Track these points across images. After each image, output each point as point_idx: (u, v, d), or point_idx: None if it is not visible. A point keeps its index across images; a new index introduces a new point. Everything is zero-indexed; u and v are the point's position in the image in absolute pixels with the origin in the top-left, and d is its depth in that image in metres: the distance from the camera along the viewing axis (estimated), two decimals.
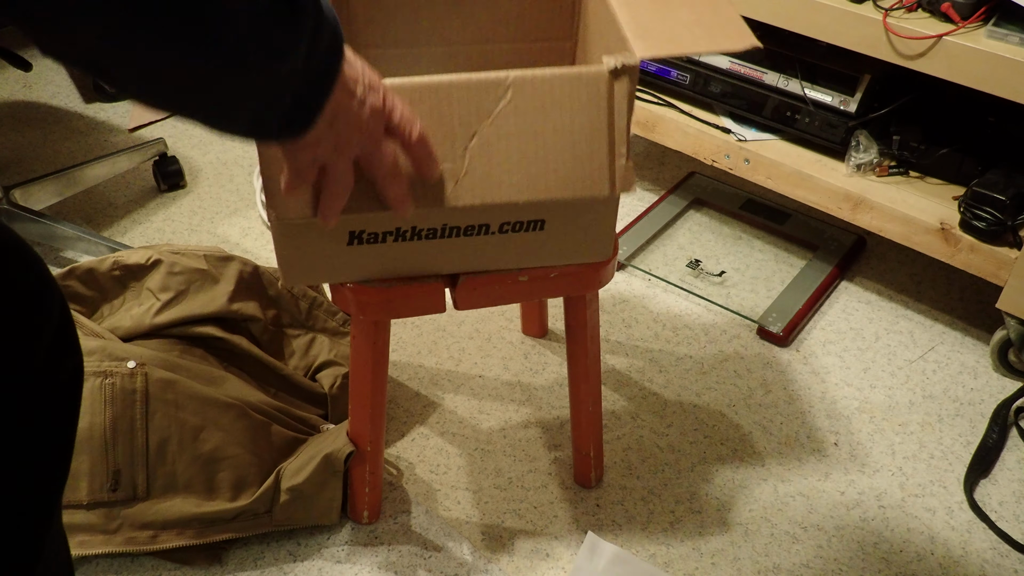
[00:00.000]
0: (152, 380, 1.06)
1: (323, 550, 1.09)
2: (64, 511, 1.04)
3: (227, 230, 1.62)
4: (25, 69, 1.58)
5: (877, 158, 1.37)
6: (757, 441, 1.25)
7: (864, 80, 1.35)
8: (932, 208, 1.31)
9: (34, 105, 1.98)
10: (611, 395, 1.31)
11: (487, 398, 1.30)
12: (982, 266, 1.26)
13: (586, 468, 1.16)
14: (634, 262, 1.56)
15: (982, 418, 1.29)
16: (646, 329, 1.43)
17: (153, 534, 1.05)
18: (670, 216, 1.65)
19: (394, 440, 1.23)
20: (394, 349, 1.37)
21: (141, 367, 1.06)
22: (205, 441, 1.06)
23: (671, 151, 1.83)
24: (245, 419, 1.08)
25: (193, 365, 1.11)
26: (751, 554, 1.11)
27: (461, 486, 1.17)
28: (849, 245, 1.59)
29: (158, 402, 1.05)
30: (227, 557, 1.08)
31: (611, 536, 1.12)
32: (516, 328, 1.42)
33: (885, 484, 1.20)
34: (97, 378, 1.04)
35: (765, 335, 1.41)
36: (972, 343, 1.42)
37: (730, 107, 1.50)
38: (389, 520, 1.13)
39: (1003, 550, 1.12)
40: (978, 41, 1.15)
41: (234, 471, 1.07)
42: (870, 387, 1.34)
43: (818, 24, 1.26)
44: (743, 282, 1.53)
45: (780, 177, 1.42)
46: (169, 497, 1.06)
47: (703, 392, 1.32)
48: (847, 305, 1.49)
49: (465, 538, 1.11)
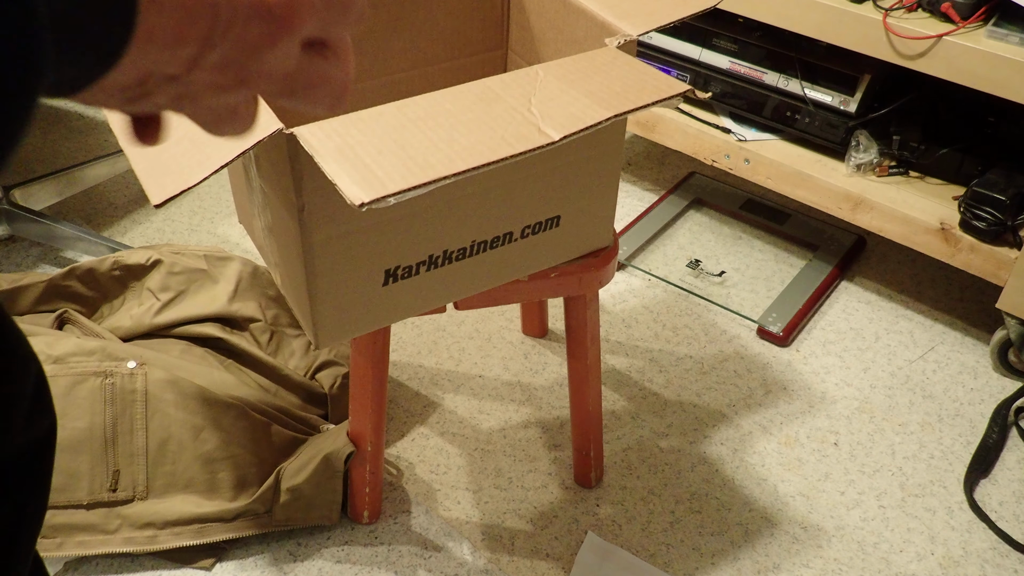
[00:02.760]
0: (152, 380, 1.06)
1: (323, 550, 1.09)
2: (64, 511, 1.04)
3: (227, 230, 1.62)
4: None
5: (877, 158, 1.37)
6: (757, 441, 1.25)
7: (864, 80, 1.35)
8: (932, 208, 1.31)
9: None
10: (611, 395, 1.31)
11: (487, 398, 1.30)
12: (982, 266, 1.26)
13: (586, 468, 1.16)
14: (634, 262, 1.56)
15: (982, 418, 1.29)
16: (646, 329, 1.43)
17: (153, 534, 1.05)
18: (670, 216, 1.65)
19: (394, 440, 1.23)
20: (394, 349, 1.37)
21: (141, 367, 1.06)
22: (205, 441, 1.06)
23: (671, 151, 1.83)
24: (245, 419, 1.08)
25: (193, 365, 1.11)
26: (751, 554, 1.11)
27: (461, 486, 1.17)
28: (849, 245, 1.59)
29: (158, 402, 1.05)
30: (227, 557, 1.08)
31: (611, 536, 1.12)
32: (516, 328, 1.42)
33: (885, 484, 1.20)
34: (97, 378, 1.04)
35: (765, 335, 1.41)
36: (972, 343, 1.42)
37: (730, 107, 1.50)
38: (389, 520, 1.13)
39: (1003, 550, 1.12)
40: (978, 41, 1.15)
41: (234, 471, 1.07)
42: (870, 387, 1.34)
43: (818, 24, 1.26)
44: (743, 282, 1.53)
45: (780, 177, 1.42)
46: (169, 497, 1.06)
47: (703, 392, 1.32)
48: (847, 305, 1.49)
49: (465, 538, 1.11)
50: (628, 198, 1.71)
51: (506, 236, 0.86)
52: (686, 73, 1.51)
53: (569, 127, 0.66)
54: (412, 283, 0.84)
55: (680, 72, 1.52)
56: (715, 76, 1.48)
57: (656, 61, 1.53)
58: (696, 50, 1.49)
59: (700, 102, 1.54)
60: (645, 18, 0.82)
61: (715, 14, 1.47)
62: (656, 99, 0.71)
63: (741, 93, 1.46)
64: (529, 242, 0.88)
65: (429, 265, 0.83)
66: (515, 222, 0.86)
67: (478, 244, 0.85)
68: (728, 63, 1.47)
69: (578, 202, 0.89)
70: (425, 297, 0.86)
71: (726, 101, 1.49)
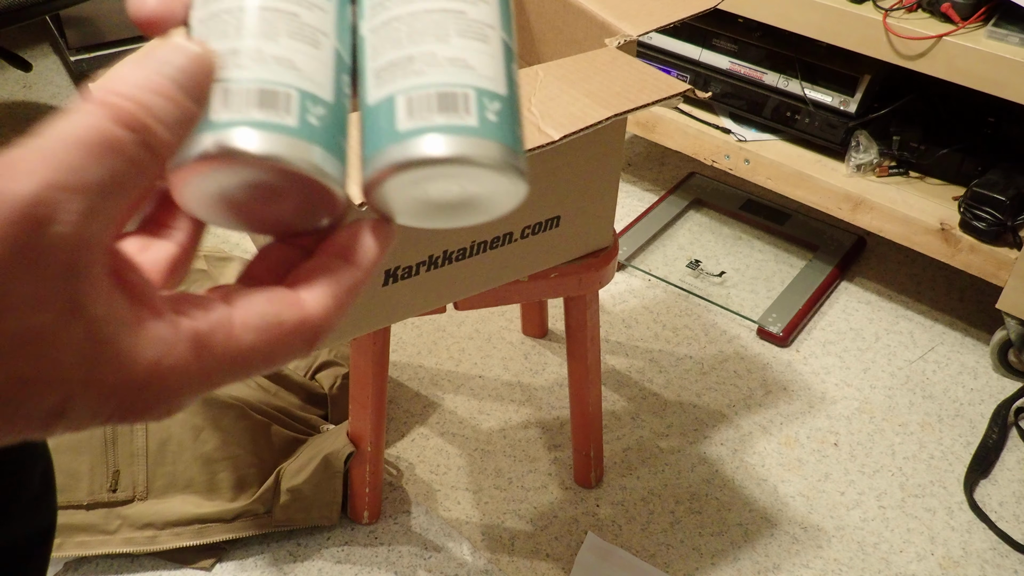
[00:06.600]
0: None
1: (323, 550, 1.09)
2: (64, 511, 1.04)
3: (227, 230, 1.62)
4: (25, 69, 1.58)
5: (877, 158, 1.37)
6: (757, 441, 1.25)
7: (864, 80, 1.35)
8: (932, 208, 1.31)
9: (34, 105, 1.98)
10: (611, 395, 1.31)
11: (487, 398, 1.30)
12: (982, 266, 1.26)
13: (586, 468, 1.16)
14: (634, 262, 1.56)
15: (982, 418, 1.29)
16: (646, 329, 1.43)
17: (153, 534, 1.05)
18: (670, 216, 1.65)
19: (394, 440, 1.23)
20: (394, 349, 1.37)
21: None
22: (205, 441, 1.06)
23: (671, 151, 1.83)
24: (245, 419, 1.08)
25: None
26: (751, 554, 1.11)
27: (461, 486, 1.17)
28: (849, 245, 1.59)
29: None
30: (227, 557, 1.08)
31: (611, 536, 1.12)
32: (516, 328, 1.42)
33: (885, 484, 1.20)
34: None
35: (765, 335, 1.41)
36: (972, 343, 1.42)
37: (730, 107, 1.50)
38: (389, 520, 1.13)
39: (1003, 550, 1.12)
40: (978, 41, 1.15)
41: (234, 471, 1.07)
42: (870, 387, 1.34)
43: (818, 24, 1.26)
44: (743, 282, 1.53)
45: (780, 177, 1.42)
46: (169, 497, 1.06)
47: (703, 392, 1.32)
48: (847, 305, 1.49)
49: (465, 538, 1.11)
50: (628, 198, 1.71)
51: (506, 236, 0.86)
52: (686, 73, 1.51)
53: (569, 127, 0.66)
54: (412, 283, 0.84)
55: (680, 72, 1.52)
56: (715, 76, 1.48)
57: (656, 61, 1.53)
58: (696, 50, 1.49)
59: (700, 102, 1.54)
60: (645, 18, 0.82)
61: (715, 14, 1.47)
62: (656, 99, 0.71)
63: (741, 93, 1.46)
64: (529, 242, 0.88)
65: (429, 265, 0.83)
66: (515, 222, 0.86)
67: (478, 244, 0.85)
68: (728, 63, 1.47)
69: (578, 202, 0.89)
70: (425, 297, 0.86)
71: (726, 101, 1.49)
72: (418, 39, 0.29)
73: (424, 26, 0.29)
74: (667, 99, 0.72)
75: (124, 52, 1.39)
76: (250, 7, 0.29)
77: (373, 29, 0.30)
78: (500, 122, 0.29)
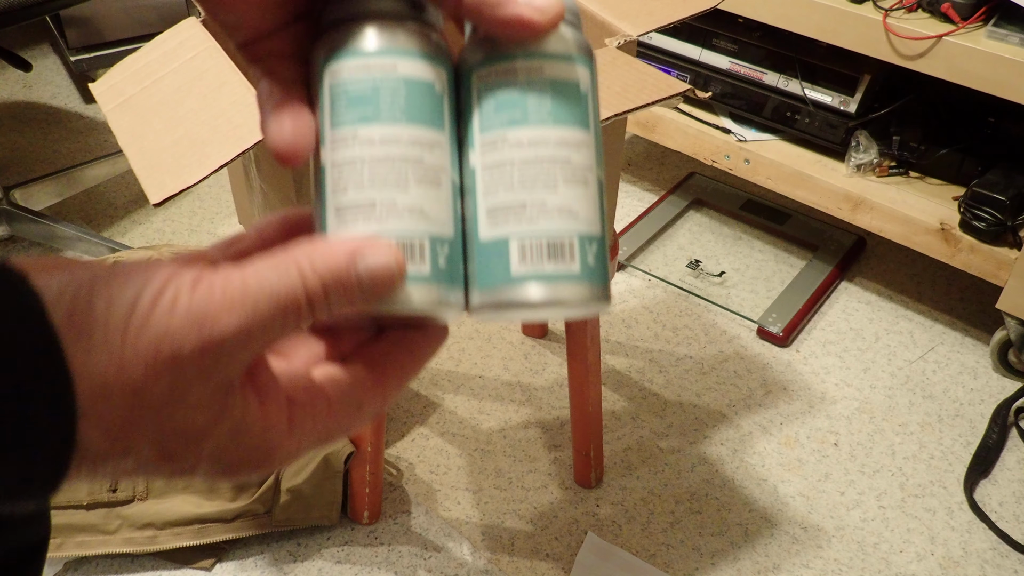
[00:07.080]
0: None
1: (323, 550, 1.09)
2: (64, 511, 1.04)
3: (227, 230, 1.62)
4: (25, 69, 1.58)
5: (877, 158, 1.37)
6: (757, 441, 1.25)
7: (864, 80, 1.35)
8: (932, 208, 1.31)
9: (34, 105, 1.98)
10: (611, 395, 1.31)
11: (487, 398, 1.30)
12: (982, 266, 1.26)
13: (586, 468, 1.16)
14: (634, 262, 1.56)
15: (982, 418, 1.29)
16: (646, 329, 1.43)
17: (153, 534, 1.05)
18: (670, 216, 1.65)
19: (394, 440, 1.23)
20: None
21: None
22: None
23: (671, 151, 1.83)
24: None
25: None
26: (751, 554, 1.11)
27: (461, 486, 1.17)
28: (849, 245, 1.59)
29: None
30: (227, 557, 1.08)
31: (611, 536, 1.12)
32: (516, 328, 1.42)
33: (885, 484, 1.20)
34: None
35: (765, 335, 1.41)
36: (972, 343, 1.42)
37: (730, 107, 1.50)
38: (389, 520, 1.13)
39: (1003, 550, 1.12)
40: (978, 41, 1.15)
41: None
42: (870, 387, 1.34)
43: (818, 24, 1.26)
44: (743, 282, 1.53)
45: (780, 177, 1.42)
46: (169, 497, 1.06)
47: (703, 392, 1.32)
48: (847, 305, 1.49)
49: (465, 538, 1.11)
50: (628, 198, 1.71)
51: None
52: (686, 73, 1.51)
53: None
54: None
55: (680, 72, 1.52)
56: (715, 76, 1.48)
57: (656, 61, 1.53)
58: (696, 50, 1.49)
59: (700, 102, 1.54)
60: (645, 18, 0.82)
61: (715, 14, 1.47)
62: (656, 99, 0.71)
63: (741, 93, 1.46)
64: None
65: None
66: None
67: None
68: (728, 63, 1.47)
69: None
70: None
71: (726, 101, 1.49)
72: (529, 185, 0.32)
73: (535, 173, 0.32)
74: (667, 99, 0.72)
75: (124, 52, 1.39)
76: (380, 156, 0.32)
77: (486, 167, 0.33)
78: (596, 264, 0.33)
